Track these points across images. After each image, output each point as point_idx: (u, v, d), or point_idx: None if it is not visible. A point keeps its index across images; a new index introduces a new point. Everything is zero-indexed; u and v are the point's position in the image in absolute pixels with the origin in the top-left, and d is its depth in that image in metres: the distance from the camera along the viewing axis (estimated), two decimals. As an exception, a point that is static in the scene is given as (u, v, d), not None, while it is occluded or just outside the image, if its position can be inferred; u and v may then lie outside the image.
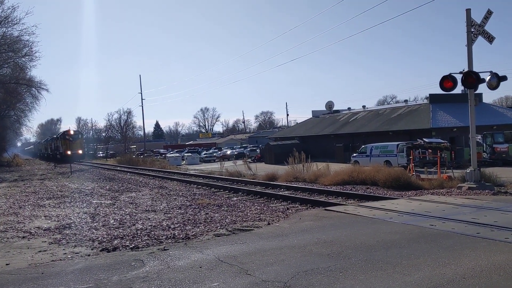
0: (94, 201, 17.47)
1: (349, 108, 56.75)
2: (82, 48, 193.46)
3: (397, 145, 29.24)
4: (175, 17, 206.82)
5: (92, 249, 9.21)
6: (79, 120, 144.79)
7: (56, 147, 70.95)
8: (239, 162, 36.81)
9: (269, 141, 53.66)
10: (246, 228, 10.68)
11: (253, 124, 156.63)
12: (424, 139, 24.42)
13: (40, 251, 9.22)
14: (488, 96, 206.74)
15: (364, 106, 52.99)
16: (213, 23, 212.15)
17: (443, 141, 26.00)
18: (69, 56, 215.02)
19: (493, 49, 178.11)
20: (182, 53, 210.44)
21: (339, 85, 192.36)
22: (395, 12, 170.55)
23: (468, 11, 16.63)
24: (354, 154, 32.98)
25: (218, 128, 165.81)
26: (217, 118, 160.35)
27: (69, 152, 64.28)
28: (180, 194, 19.29)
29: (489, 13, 16.48)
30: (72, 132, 67.84)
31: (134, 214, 13.87)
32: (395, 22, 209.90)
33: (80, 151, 67.29)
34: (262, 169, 31.18)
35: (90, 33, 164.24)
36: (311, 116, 59.56)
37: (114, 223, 12.20)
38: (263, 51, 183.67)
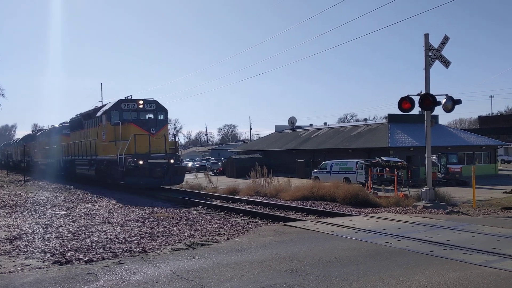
0: (48, 212, 16.87)
1: (311, 125, 57.61)
2: (42, 53, 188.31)
3: (356, 162, 29.84)
4: (137, 31, 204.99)
5: (43, 262, 8.87)
6: (35, 126, 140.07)
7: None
8: (201, 175, 36.54)
9: (232, 155, 53.60)
10: (205, 242, 10.58)
11: (216, 136, 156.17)
12: (382, 157, 25.02)
13: (-13, 263, 8.79)
14: (444, 118, 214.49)
15: (325, 123, 53.92)
16: (175, 37, 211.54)
17: (400, 160, 26.71)
18: (27, 61, 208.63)
19: (450, 73, 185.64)
20: (144, 63, 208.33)
21: (301, 101, 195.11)
22: (362, 31, 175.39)
23: (426, 36, 17.29)
24: (315, 170, 33.41)
25: (180, 139, 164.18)
26: (179, 129, 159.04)
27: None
28: (138, 206, 18.92)
29: (446, 38, 17.20)
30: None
31: (90, 225, 13.48)
32: (360, 41, 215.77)
33: None
34: (224, 182, 31.07)
35: (50, 38, 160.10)
36: (274, 131, 60.02)
37: (68, 235, 11.81)
38: (227, 65, 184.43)
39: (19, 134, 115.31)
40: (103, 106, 29.73)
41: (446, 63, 17.22)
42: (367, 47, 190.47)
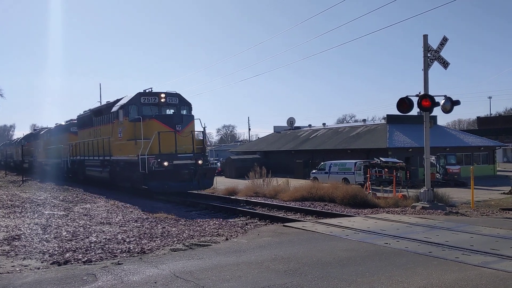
0: (46, 212, 16.86)
1: (309, 125, 57.58)
2: (40, 53, 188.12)
3: (355, 163, 29.84)
4: (137, 29, 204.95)
5: (42, 262, 8.86)
6: (33, 127, 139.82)
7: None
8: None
9: (231, 155, 53.58)
10: (203, 243, 10.57)
11: (214, 137, 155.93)
12: (380, 158, 25.04)
13: (-15, 264, 8.78)
14: (442, 119, 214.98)
15: (324, 124, 53.94)
16: (175, 38, 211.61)
17: (398, 160, 26.75)
18: (25, 61, 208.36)
19: (448, 73, 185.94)
20: (143, 65, 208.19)
21: (300, 102, 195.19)
22: (363, 30, 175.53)
23: (425, 36, 17.31)
24: (314, 171, 33.42)
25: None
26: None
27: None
28: (137, 207, 18.91)
29: (444, 39, 17.22)
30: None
31: (88, 226, 13.47)
32: (361, 40, 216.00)
33: None
34: (223, 183, 31.05)
35: (50, 40, 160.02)
36: (272, 132, 59.99)
37: (67, 235, 11.80)
38: (227, 64, 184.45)
39: (18, 134, 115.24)
40: (118, 100, 26.13)
41: (445, 64, 17.25)
42: (368, 46, 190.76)
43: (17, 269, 8.33)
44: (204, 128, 24.22)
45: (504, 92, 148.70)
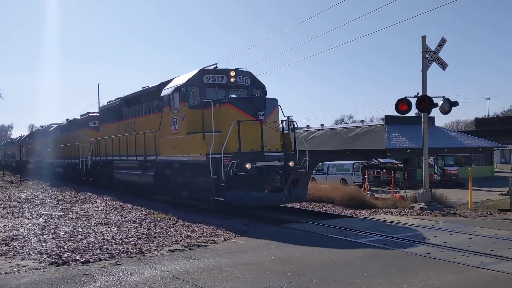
0: (44, 212, 16.82)
1: (308, 126, 57.66)
2: (38, 53, 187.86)
3: (353, 164, 29.87)
4: (137, 29, 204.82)
5: (40, 263, 8.83)
6: (31, 127, 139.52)
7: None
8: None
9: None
10: (202, 243, 10.56)
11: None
12: (379, 159, 25.09)
13: (-17, 264, 8.75)
14: (440, 120, 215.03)
15: (322, 125, 54.01)
16: (179, 31, 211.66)
17: (397, 161, 26.80)
18: (23, 61, 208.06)
19: (446, 74, 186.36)
20: (143, 65, 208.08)
21: (299, 102, 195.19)
22: (364, 30, 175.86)
23: (423, 38, 17.34)
24: (312, 171, 33.43)
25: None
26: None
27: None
28: (135, 207, 18.88)
29: (443, 41, 17.26)
30: None
31: (86, 226, 13.44)
32: (361, 40, 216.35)
33: None
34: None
35: (47, 39, 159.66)
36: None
37: (65, 236, 11.77)
38: (226, 64, 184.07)
39: (16, 134, 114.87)
40: (168, 81, 19.43)
41: (443, 65, 17.29)
42: (367, 46, 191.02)
43: (15, 269, 8.30)
44: (288, 117, 17.59)
45: (502, 94, 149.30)
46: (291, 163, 16.15)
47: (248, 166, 15.07)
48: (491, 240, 10.42)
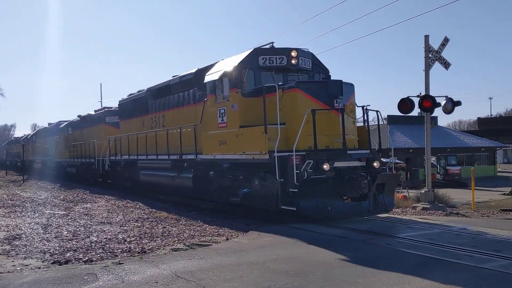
0: (47, 211, 16.85)
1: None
2: (41, 52, 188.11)
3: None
4: (137, 29, 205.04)
5: (43, 262, 8.85)
6: (34, 126, 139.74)
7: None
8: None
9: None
10: (204, 243, 10.57)
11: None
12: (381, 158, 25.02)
13: (-14, 263, 8.77)
14: (443, 119, 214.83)
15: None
16: (175, 37, 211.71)
17: (399, 161, 26.74)
18: (26, 61, 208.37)
19: (449, 74, 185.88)
20: (144, 63, 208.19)
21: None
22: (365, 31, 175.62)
23: (426, 37, 17.31)
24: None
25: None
26: None
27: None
28: (137, 206, 18.90)
29: (446, 40, 17.23)
30: None
31: (89, 225, 13.45)
32: (360, 42, 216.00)
33: None
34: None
35: (49, 38, 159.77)
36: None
37: (67, 235, 11.79)
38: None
39: (18, 133, 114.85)
40: (208, 67, 16.40)
41: (446, 65, 17.25)
42: (369, 45, 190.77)
43: (17, 268, 8.32)
44: (364, 106, 14.68)
45: (504, 93, 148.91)
46: (376, 164, 13.18)
47: (326, 167, 12.02)
48: (494, 240, 10.40)
